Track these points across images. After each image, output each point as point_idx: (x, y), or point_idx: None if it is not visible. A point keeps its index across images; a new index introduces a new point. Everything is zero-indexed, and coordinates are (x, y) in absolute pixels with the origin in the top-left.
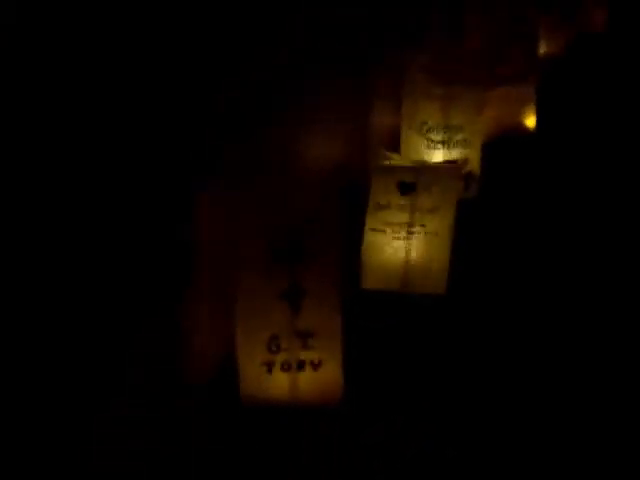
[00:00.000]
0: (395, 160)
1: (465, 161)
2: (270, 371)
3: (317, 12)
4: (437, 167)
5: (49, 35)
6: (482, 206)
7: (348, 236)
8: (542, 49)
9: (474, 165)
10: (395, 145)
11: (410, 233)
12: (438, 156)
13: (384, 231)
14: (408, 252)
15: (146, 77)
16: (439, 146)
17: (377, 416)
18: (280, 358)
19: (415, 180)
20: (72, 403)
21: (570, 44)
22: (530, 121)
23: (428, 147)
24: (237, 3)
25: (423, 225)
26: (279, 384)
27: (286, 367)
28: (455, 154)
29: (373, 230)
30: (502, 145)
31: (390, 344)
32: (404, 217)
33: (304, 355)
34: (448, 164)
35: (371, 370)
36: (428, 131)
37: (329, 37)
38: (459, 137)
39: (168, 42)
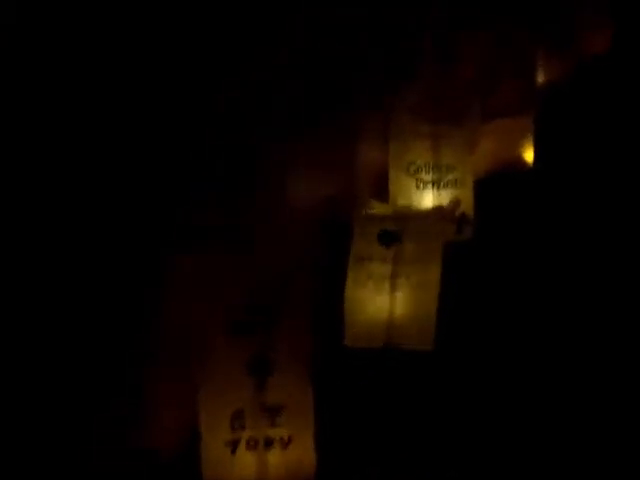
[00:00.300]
0: (377, 208)
1: (457, 202)
2: (234, 451)
3: (317, 12)
4: (422, 215)
5: (49, 35)
6: (476, 250)
7: (330, 288)
8: (540, 77)
9: (467, 206)
10: (384, 187)
11: (394, 286)
12: (428, 197)
13: (366, 285)
14: (392, 306)
15: (146, 77)
16: (429, 187)
17: None
18: (245, 436)
19: (398, 229)
20: None
21: (571, 70)
22: (528, 155)
23: (417, 188)
24: (237, 3)
25: (408, 277)
26: (245, 464)
27: (252, 445)
28: (446, 195)
29: (354, 284)
30: (499, 182)
31: (372, 405)
32: (387, 269)
33: (272, 432)
34: (434, 211)
35: (350, 437)
36: (417, 171)
37: (329, 37)
38: (450, 177)
39: (168, 42)
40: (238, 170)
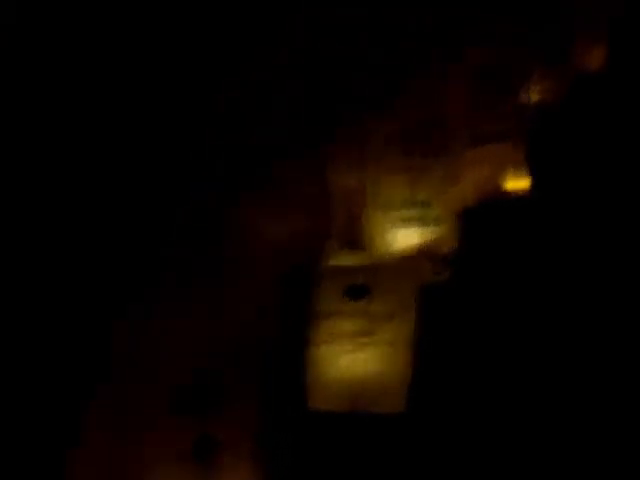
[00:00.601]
0: (345, 258)
1: (437, 240)
2: None
3: (317, 12)
4: (393, 266)
5: (49, 35)
6: (455, 292)
7: (293, 344)
8: (533, 96)
9: (447, 243)
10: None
11: (362, 344)
12: (406, 236)
13: (331, 342)
14: (360, 366)
15: (146, 77)
16: (407, 225)
17: None
18: None
19: (367, 282)
20: None
21: (565, 88)
22: (520, 182)
23: (394, 226)
24: (237, 3)
25: (378, 334)
26: None
27: None
28: (425, 232)
29: (318, 343)
30: (484, 212)
31: (338, 474)
32: (355, 326)
33: None
34: (408, 259)
35: None
36: (394, 208)
37: (329, 37)
38: (429, 214)
39: (168, 42)
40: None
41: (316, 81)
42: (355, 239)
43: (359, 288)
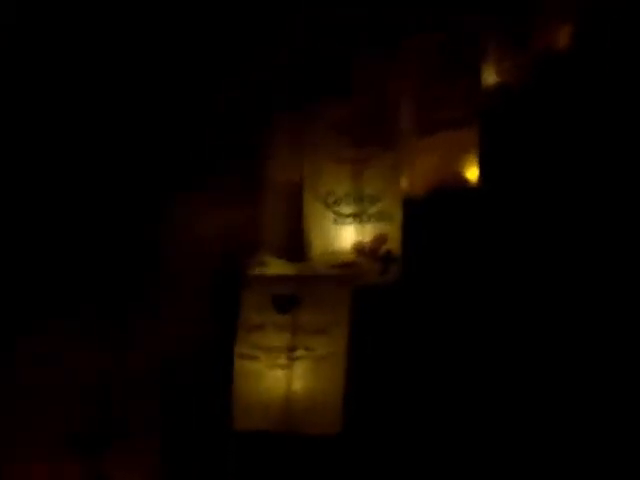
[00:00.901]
0: (273, 266)
1: (382, 238)
2: None
3: (317, 12)
4: (324, 276)
5: (49, 35)
6: (402, 295)
7: (217, 360)
8: (490, 79)
9: (394, 242)
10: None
11: (292, 359)
12: (349, 233)
13: (258, 358)
14: (290, 383)
15: (146, 77)
16: (349, 221)
17: None
18: None
19: (296, 292)
20: None
21: (525, 70)
22: (472, 172)
23: (336, 222)
24: (237, 3)
25: (308, 349)
26: None
27: None
28: (370, 230)
29: (244, 357)
30: (434, 205)
31: None
32: (283, 339)
33: None
34: (336, 271)
35: None
36: (336, 203)
37: (329, 37)
38: (374, 209)
39: (168, 42)
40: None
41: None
42: (292, 241)
43: (287, 299)
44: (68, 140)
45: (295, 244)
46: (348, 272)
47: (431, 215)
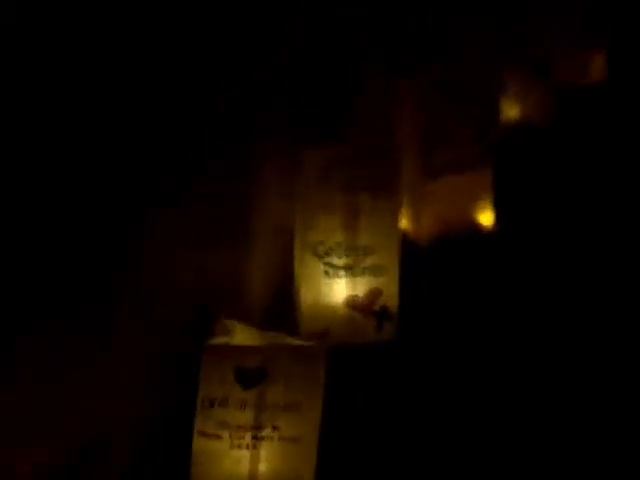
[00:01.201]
0: (238, 333)
1: (377, 293)
2: None
3: (317, 12)
4: (294, 346)
5: (49, 35)
6: (397, 357)
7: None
8: (509, 114)
9: (390, 297)
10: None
11: (257, 439)
12: (340, 287)
13: (220, 437)
14: (255, 466)
15: (146, 77)
16: (342, 274)
17: None
18: None
19: (263, 365)
20: None
21: (547, 107)
22: (486, 218)
23: (327, 275)
24: (237, 3)
25: (276, 428)
26: None
27: None
28: (363, 284)
29: (204, 435)
30: (440, 254)
31: None
32: (248, 417)
33: None
34: (307, 341)
35: None
36: (327, 253)
37: (329, 37)
38: (369, 262)
39: (168, 42)
40: None
41: (316, 81)
42: (277, 295)
43: (252, 372)
44: (68, 140)
45: (281, 299)
46: (325, 342)
47: (436, 265)
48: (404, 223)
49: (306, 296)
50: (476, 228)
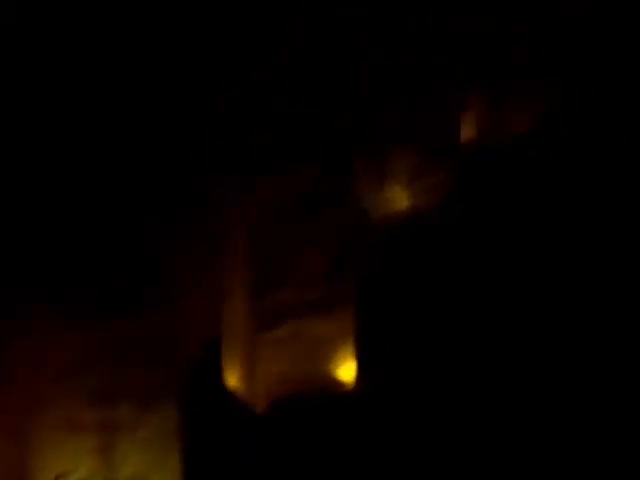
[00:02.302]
0: None
1: None
2: None
3: (317, 12)
4: None
5: (49, 35)
6: None
7: None
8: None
9: None
10: None
11: None
12: None
13: None
14: None
15: (146, 77)
16: None
17: None
18: None
19: None
20: None
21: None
22: (345, 371)
23: None
24: (237, 3)
25: None
26: None
27: None
28: None
29: None
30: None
31: None
32: None
33: None
34: None
35: None
36: None
37: (329, 37)
38: None
39: (169, 42)
40: None
41: (316, 81)
42: None
43: None
44: (67, 140)
45: None
46: None
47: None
48: (232, 382)
49: None
50: (331, 385)
